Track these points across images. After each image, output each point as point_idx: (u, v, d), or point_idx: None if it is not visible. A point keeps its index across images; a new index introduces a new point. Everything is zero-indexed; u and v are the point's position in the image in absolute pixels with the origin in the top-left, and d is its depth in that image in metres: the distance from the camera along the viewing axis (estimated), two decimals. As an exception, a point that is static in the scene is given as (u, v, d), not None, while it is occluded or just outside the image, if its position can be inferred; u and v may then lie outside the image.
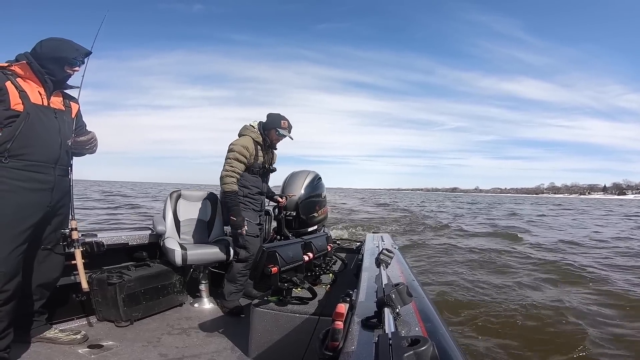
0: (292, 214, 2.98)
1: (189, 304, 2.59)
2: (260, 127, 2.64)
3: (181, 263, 2.42)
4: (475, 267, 5.69)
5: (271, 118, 2.65)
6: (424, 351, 0.55)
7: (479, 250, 7.13)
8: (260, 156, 2.61)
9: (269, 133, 2.63)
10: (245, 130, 2.63)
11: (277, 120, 2.63)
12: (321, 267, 2.22)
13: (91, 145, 1.88)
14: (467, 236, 9.75)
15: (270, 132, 2.63)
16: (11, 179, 1.56)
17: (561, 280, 4.93)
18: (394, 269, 1.56)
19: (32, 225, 1.62)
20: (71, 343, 1.85)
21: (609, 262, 6.30)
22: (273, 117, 2.65)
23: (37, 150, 1.62)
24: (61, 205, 1.80)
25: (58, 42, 1.70)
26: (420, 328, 0.85)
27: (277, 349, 1.67)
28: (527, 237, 9.46)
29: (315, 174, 3.24)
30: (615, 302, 4.01)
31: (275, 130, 2.62)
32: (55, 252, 1.83)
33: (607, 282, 4.80)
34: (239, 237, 2.43)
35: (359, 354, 0.73)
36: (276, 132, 2.62)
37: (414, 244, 7.77)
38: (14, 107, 1.57)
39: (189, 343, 2.00)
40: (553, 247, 7.90)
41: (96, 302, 2.16)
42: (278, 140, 2.69)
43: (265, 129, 2.63)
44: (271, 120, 2.64)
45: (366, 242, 2.68)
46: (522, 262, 6.08)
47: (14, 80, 1.59)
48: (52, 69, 1.69)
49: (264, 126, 2.65)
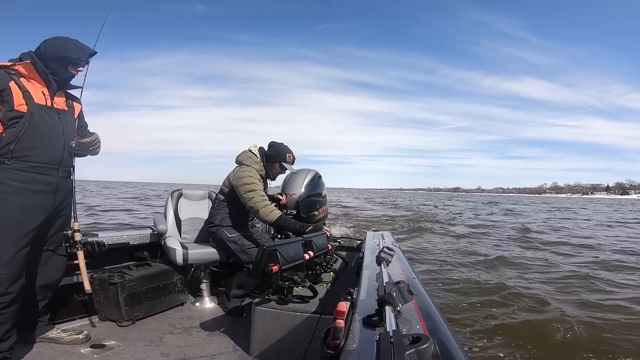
0: (293, 212, 2.98)
1: (190, 303, 2.60)
2: (263, 156, 2.48)
3: (182, 262, 2.42)
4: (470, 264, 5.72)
5: (276, 149, 2.48)
6: (425, 349, 0.55)
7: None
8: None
9: (272, 166, 2.48)
10: (248, 159, 2.43)
11: (283, 154, 2.46)
12: (322, 265, 2.22)
13: (94, 147, 1.88)
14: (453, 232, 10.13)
15: (274, 165, 2.48)
16: (14, 181, 1.55)
17: (563, 279, 4.94)
18: (394, 267, 1.56)
19: (35, 227, 1.62)
20: (74, 343, 1.86)
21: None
22: (278, 149, 2.48)
23: (40, 152, 1.62)
24: (64, 207, 1.80)
25: (63, 42, 1.69)
26: (421, 326, 0.85)
27: (278, 347, 1.67)
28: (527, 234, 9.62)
29: (315, 172, 3.23)
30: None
31: (279, 164, 2.47)
32: (58, 254, 1.83)
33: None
34: (242, 255, 2.36)
35: (361, 352, 0.73)
36: (280, 166, 2.48)
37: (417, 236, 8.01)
38: (18, 107, 1.55)
39: (191, 342, 2.01)
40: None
41: (98, 302, 2.17)
42: (280, 174, 2.55)
43: (269, 161, 2.47)
44: (276, 153, 2.47)
45: (367, 240, 2.68)
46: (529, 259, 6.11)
47: (17, 80, 1.57)
48: (56, 69, 1.68)
49: (267, 157, 2.47)
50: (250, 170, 2.36)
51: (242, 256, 2.38)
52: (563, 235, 10.00)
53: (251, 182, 2.31)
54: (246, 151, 2.51)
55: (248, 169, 2.37)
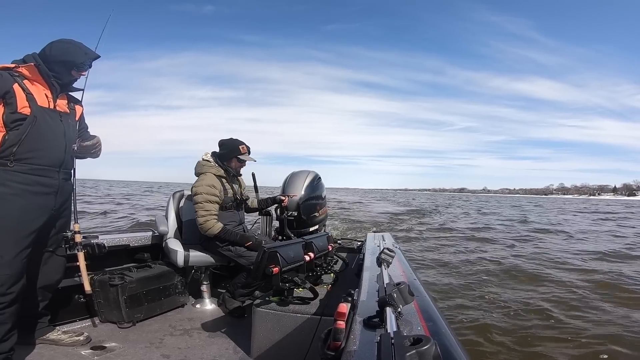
0: (294, 214, 2.98)
1: (190, 305, 2.59)
2: (216, 158, 2.50)
3: (183, 264, 2.42)
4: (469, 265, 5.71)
5: (227, 146, 2.51)
6: (426, 350, 0.55)
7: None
8: (228, 189, 2.48)
9: (229, 163, 2.50)
10: (202, 168, 2.45)
11: (235, 148, 2.49)
12: (322, 267, 2.22)
13: (96, 150, 1.89)
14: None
15: (231, 161, 2.50)
16: (16, 183, 1.55)
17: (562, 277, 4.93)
18: (395, 268, 1.56)
19: (37, 229, 1.62)
20: (74, 344, 1.86)
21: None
22: (229, 145, 2.51)
23: (42, 154, 1.62)
24: (64, 209, 1.80)
25: (68, 45, 1.69)
26: (422, 327, 0.85)
27: (279, 349, 1.67)
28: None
29: (315, 174, 3.23)
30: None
31: (236, 159, 2.51)
32: (57, 255, 1.84)
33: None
34: (241, 260, 2.37)
35: (361, 353, 0.73)
36: (238, 160, 2.52)
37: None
38: (21, 110, 1.56)
39: (191, 344, 2.01)
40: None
41: (98, 303, 2.17)
42: (242, 167, 2.58)
43: (224, 160, 2.50)
44: (228, 150, 2.50)
45: (367, 242, 2.68)
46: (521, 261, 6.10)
47: (21, 82, 1.58)
48: (60, 72, 1.69)
49: (220, 157, 2.50)
50: (205, 180, 2.37)
51: (241, 260, 2.38)
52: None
53: (203, 192, 2.32)
54: (199, 161, 2.52)
55: (203, 179, 2.38)
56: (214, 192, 2.35)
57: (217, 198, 2.38)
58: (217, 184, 2.40)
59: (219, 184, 2.41)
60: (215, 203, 2.37)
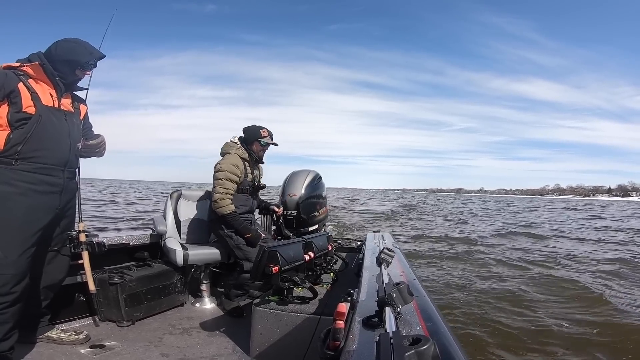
0: (293, 213, 2.98)
1: (190, 304, 2.60)
2: (242, 142, 2.58)
3: (182, 263, 2.42)
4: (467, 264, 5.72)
5: (250, 131, 2.58)
6: (425, 350, 0.55)
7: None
8: (249, 173, 2.54)
9: (252, 146, 2.56)
10: (229, 148, 2.54)
11: (257, 132, 2.56)
12: (322, 266, 2.22)
13: (100, 149, 1.88)
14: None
15: (253, 144, 2.56)
16: (21, 182, 1.55)
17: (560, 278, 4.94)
18: (394, 268, 1.56)
19: (41, 228, 1.62)
20: (73, 343, 1.86)
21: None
22: (251, 130, 2.58)
23: (47, 153, 1.62)
24: (69, 208, 1.81)
25: (74, 45, 1.69)
26: (421, 327, 0.85)
27: (278, 348, 1.67)
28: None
29: (316, 173, 3.23)
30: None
31: (258, 142, 2.56)
32: (62, 254, 1.84)
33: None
34: (237, 251, 2.40)
35: (360, 353, 0.73)
36: (260, 144, 2.57)
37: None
38: (26, 109, 1.55)
39: (191, 343, 2.01)
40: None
41: (98, 302, 2.17)
42: (264, 151, 2.63)
43: (247, 143, 2.56)
44: (251, 134, 2.57)
45: (367, 241, 2.68)
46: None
47: (25, 81, 1.58)
48: (64, 72, 1.69)
49: (244, 140, 2.58)
50: (230, 159, 2.45)
51: (237, 252, 2.41)
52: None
53: (227, 169, 2.40)
54: (227, 142, 2.60)
55: (228, 158, 2.46)
56: (235, 172, 2.43)
57: (238, 178, 2.45)
58: (240, 165, 2.47)
59: (242, 165, 2.48)
60: (235, 183, 2.43)
